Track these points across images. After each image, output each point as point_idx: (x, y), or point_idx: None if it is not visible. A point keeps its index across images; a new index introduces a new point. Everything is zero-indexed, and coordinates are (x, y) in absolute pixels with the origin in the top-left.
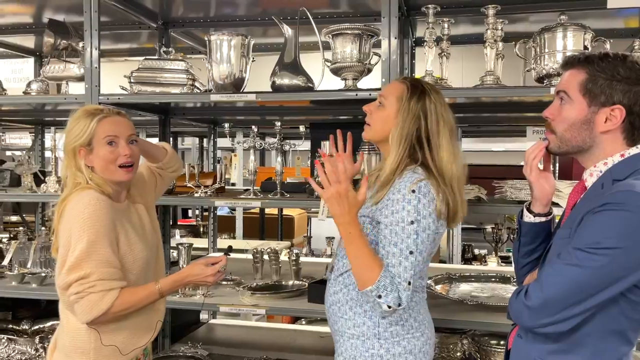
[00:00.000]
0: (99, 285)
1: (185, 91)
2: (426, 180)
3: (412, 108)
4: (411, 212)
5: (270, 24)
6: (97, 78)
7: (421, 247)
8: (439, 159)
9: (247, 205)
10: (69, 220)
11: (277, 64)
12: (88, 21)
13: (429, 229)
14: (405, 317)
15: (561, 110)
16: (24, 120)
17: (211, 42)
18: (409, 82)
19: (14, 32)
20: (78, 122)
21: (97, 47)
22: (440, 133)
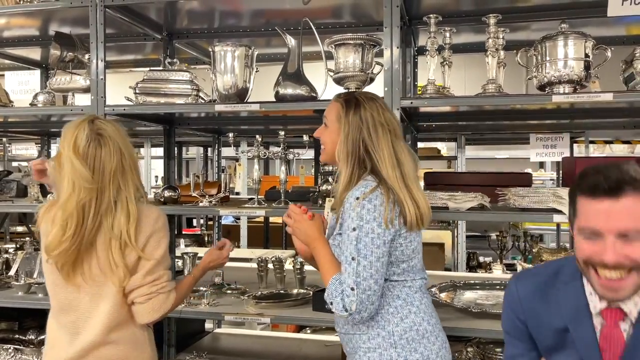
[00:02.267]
0: (168, 285)
1: (190, 101)
2: (372, 186)
3: (350, 122)
4: (354, 219)
5: (274, 34)
6: (103, 89)
7: (364, 252)
8: (384, 165)
9: (251, 214)
10: (145, 229)
11: (281, 74)
12: (94, 33)
13: (373, 232)
14: (417, 321)
15: None
16: (30, 131)
17: (215, 53)
18: (342, 99)
19: (20, 44)
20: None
21: (103, 59)
22: (380, 139)
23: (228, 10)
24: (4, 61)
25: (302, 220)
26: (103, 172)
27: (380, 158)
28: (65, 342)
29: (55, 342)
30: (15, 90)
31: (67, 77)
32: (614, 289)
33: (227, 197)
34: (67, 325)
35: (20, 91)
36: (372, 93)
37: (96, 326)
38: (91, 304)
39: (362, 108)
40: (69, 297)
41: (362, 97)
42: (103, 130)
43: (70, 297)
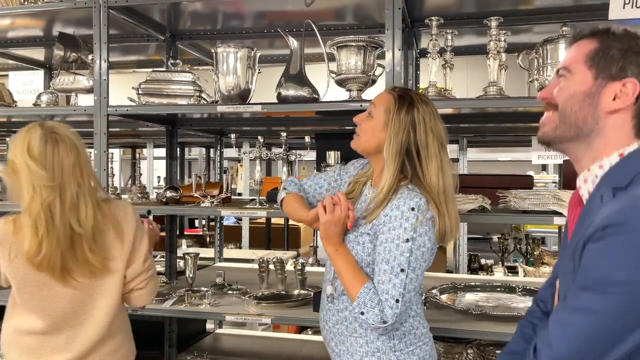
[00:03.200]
0: (154, 268)
1: (193, 102)
2: (425, 198)
3: (401, 120)
4: (408, 229)
5: (276, 36)
6: (106, 90)
7: (414, 265)
8: (428, 174)
9: (253, 215)
10: (131, 224)
11: (283, 76)
12: (97, 34)
13: (424, 246)
14: (415, 325)
15: (560, 86)
16: None
17: (218, 54)
18: (396, 93)
19: (24, 45)
20: None
21: (106, 60)
22: (429, 146)
23: (231, 11)
24: (8, 61)
25: (334, 224)
26: (62, 169)
27: (427, 165)
28: (59, 346)
29: (42, 351)
30: (19, 90)
31: (70, 77)
32: (540, 124)
33: (228, 198)
34: (61, 330)
35: (24, 91)
36: (426, 96)
37: (99, 323)
38: (89, 301)
39: (415, 109)
40: (62, 301)
41: (417, 97)
42: (57, 129)
43: (64, 301)
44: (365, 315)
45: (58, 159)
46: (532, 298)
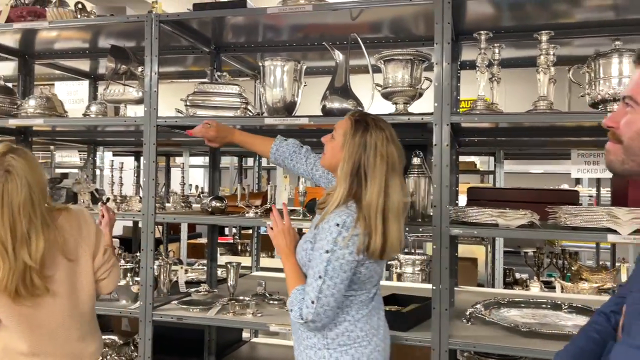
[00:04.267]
0: (114, 257)
1: (240, 114)
2: (354, 216)
3: (355, 143)
4: (330, 242)
5: (317, 48)
6: (156, 101)
7: (331, 274)
8: (369, 193)
9: (297, 227)
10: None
11: (328, 88)
12: (149, 47)
13: (343, 258)
14: (350, 328)
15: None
16: (77, 140)
17: (265, 67)
18: (354, 118)
19: (70, 56)
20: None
21: (157, 72)
22: (375, 168)
23: (273, 24)
24: (54, 71)
25: (281, 235)
26: (11, 208)
27: (370, 185)
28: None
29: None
30: (65, 99)
31: (120, 88)
32: (605, 150)
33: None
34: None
35: (69, 100)
36: (384, 121)
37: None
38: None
39: (368, 134)
40: (44, 315)
41: (373, 123)
42: (10, 165)
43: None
44: (291, 313)
45: (8, 199)
46: (581, 316)
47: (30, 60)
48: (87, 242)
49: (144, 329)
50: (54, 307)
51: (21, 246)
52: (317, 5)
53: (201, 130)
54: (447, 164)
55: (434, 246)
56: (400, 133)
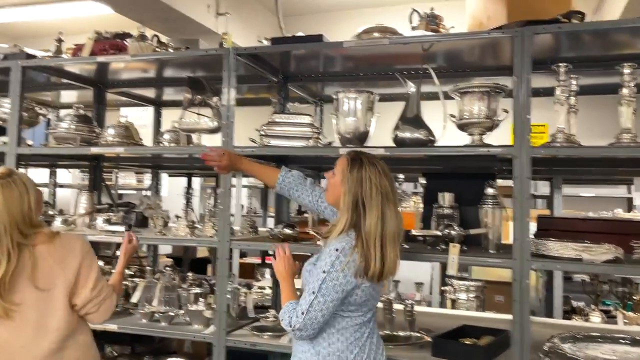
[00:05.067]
0: (109, 289)
1: (311, 144)
2: (352, 244)
3: (353, 179)
4: (328, 264)
5: (383, 77)
6: (232, 131)
7: (324, 292)
8: (368, 222)
9: None
10: (77, 257)
11: (400, 119)
12: (226, 79)
13: (337, 280)
14: (342, 348)
15: None
16: (141, 164)
17: (339, 99)
18: (350, 157)
19: (139, 85)
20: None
21: (234, 103)
22: (372, 199)
23: (344, 55)
24: (121, 98)
25: (281, 262)
26: None
27: (369, 215)
28: None
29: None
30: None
31: (195, 118)
32: None
33: None
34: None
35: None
36: (376, 157)
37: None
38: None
39: (363, 169)
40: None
41: (367, 160)
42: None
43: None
44: (282, 322)
45: None
46: None
47: (103, 89)
48: (66, 273)
49: (217, 354)
50: (17, 331)
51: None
52: (393, 39)
53: (215, 158)
54: (527, 196)
55: (514, 279)
56: (469, 162)
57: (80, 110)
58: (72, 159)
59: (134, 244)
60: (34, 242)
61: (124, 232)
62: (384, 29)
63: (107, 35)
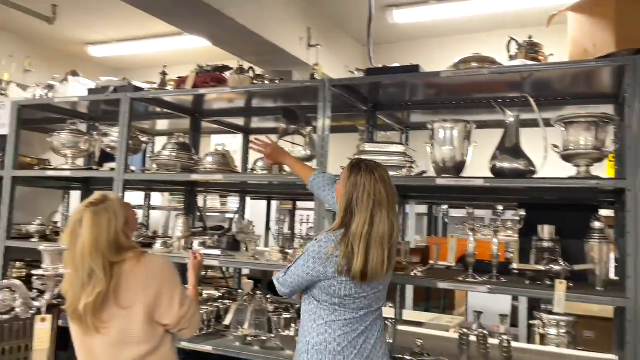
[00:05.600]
0: (194, 304)
1: (405, 173)
2: (334, 240)
3: (350, 183)
4: (307, 247)
5: (478, 105)
6: (327, 159)
7: (297, 265)
8: (355, 223)
9: (472, 290)
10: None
11: (498, 148)
12: (322, 109)
13: (306, 262)
14: (329, 340)
15: None
16: (228, 189)
17: (435, 130)
18: (351, 163)
19: (232, 114)
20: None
21: (329, 132)
22: (363, 202)
23: (436, 84)
24: (212, 126)
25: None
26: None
27: (357, 216)
28: None
29: None
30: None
31: (288, 147)
32: None
33: (431, 266)
34: None
35: None
36: (378, 165)
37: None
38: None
39: (359, 176)
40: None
41: (365, 167)
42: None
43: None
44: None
45: (74, 244)
46: None
47: (199, 118)
48: (146, 293)
49: None
50: (104, 345)
51: (82, 289)
52: (493, 69)
53: (261, 146)
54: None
55: (629, 320)
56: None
57: (180, 138)
58: (168, 184)
59: (199, 259)
60: (122, 261)
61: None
62: (482, 58)
63: (208, 68)
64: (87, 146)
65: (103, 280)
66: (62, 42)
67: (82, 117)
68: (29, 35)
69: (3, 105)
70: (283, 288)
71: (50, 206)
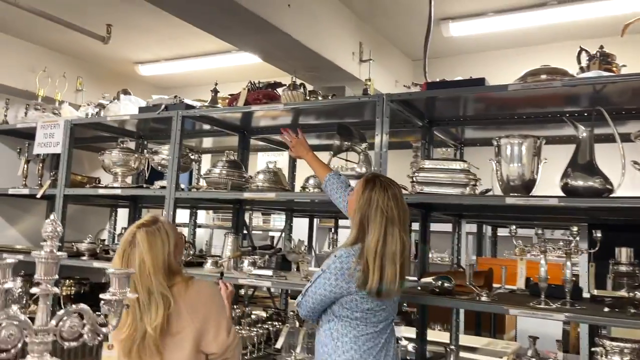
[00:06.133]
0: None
1: (468, 192)
2: (353, 255)
3: (364, 199)
4: (326, 265)
5: (536, 120)
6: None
7: (316, 285)
8: (369, 240)
9: (548, 318)
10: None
11: (570, 165)
12: (380, 125)
13: (328, 280)
14: (356, 357)
15: None
16: (274, 207)
17: (501, 146)
18: (365, 179)
19: (278, 131)
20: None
21: (387, 148)
22: (376, 219)
23: (498, 98)
24: (258, 143)
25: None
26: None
27: (370, 233)
28: None
29: None
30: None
31: (342, 163)
32: None
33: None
34: None
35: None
36: (392, 183)
37: None
38: None
39: (373, 192)
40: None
41: (379, 182)
42: (137, 240)
43: None
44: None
45: (136, 263)
46: None
47: (248, 135)
48: (193, 320)
49: None
50: None
51: (143, 312)
52: (566, 81)
53: (289, 135)
54: None
55: None
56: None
57: (230, 156)
58: (216, 202)
59: (231, 289)
60: (171, 286)
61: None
62: (553, 70)
63: (260, 85)
64: (136, 164)
65: (169, 299)
66: (113, 61)
67: (131, 135)
68: (81, 55)
69: (57, 125)
70: (304, 311)
71: (98, 224)
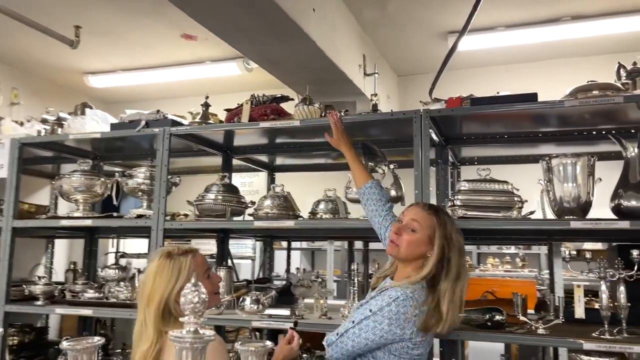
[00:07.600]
0: None
1: (515, 214)
2: (407, 295)
3: (446, 239)
4: (377, 306)
5: (573, 138)
6: (428, 198)
7: (361, 326)
8: (447, 279)
9: (627, 350)
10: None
11: (620, 186)
12: (418, 144)
13: (379, 324)
14: None
15: None
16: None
17: (552, 167)
18: (434, 214)
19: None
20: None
21: (428, 173)
22: (455, 259)
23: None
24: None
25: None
26: (141, 294)
27: (448, 273)
28: None
29: None
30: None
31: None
32: None
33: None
34: None
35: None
36: (446, 211)
37: None
38: None
39: (446, 228)
40: None
41: (445, 215)
42: (153, 261)
43: None
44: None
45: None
46: None
47: (231, 155)
48: None
49: None
50: None
51: (137, 341)
52: (628, 96)
53: (336, 121)
54: None
55: None
56: None
57: (225, 179)
58: (207, 231)
59: (294, 348)
60: (165, 332)
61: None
62: (607, 85)
63: (264, 98)
64: (102, 190)
65: (151, 337)
66: (57, 70)
67: (85, 155)
68: (15, 62)
69: (1, 144)
70: (337, 353)
71: (33, 258)
